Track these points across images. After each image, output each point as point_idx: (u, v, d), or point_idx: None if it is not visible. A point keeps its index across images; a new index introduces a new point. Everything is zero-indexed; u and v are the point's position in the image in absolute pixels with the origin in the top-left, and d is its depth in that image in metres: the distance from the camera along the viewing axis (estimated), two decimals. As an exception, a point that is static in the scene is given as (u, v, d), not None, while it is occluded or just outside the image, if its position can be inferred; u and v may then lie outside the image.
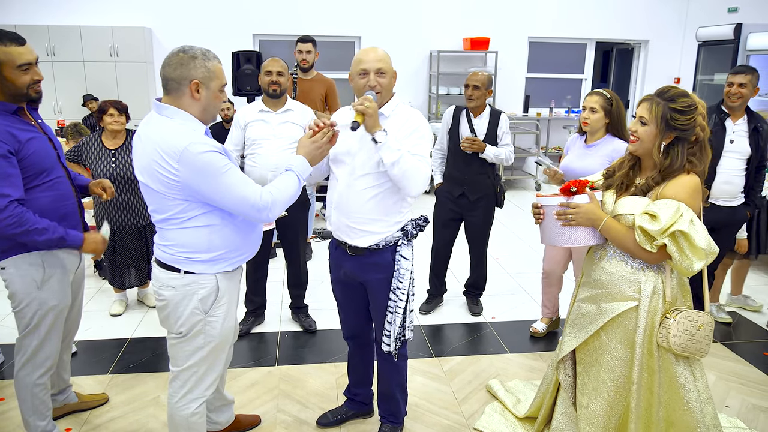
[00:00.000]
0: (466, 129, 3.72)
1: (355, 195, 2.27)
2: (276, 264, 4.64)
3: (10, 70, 2.15)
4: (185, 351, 2.13)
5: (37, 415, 2.43)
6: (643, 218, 1.98)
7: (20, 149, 2.14)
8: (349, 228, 2.32)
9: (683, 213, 1.93)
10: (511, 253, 5.31)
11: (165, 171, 1.87)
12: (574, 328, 2.29)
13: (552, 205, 2.14)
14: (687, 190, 1.99)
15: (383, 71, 2.21)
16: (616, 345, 2.16)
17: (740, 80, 3.40)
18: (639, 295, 2.09)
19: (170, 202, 1.94)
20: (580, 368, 2.29)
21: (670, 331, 2.03)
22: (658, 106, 2.00)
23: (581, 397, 2.27)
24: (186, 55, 1.90)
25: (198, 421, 2.23)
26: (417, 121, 2.29)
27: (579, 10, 8.34)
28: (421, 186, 2.22)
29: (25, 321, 2.32)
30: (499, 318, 3.98)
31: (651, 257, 2.03)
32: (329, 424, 2.78)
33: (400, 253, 2.33)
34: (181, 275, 2.03)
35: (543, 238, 2.24)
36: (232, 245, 2.07)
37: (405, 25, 7.93)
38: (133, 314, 3.96)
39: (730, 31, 6.48)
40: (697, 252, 1.93)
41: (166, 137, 1.87)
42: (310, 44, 4.77)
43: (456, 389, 3.11)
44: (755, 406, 2.99)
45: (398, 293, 2.33)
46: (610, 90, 3.24)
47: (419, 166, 2.19)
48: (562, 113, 8.73)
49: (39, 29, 6.96)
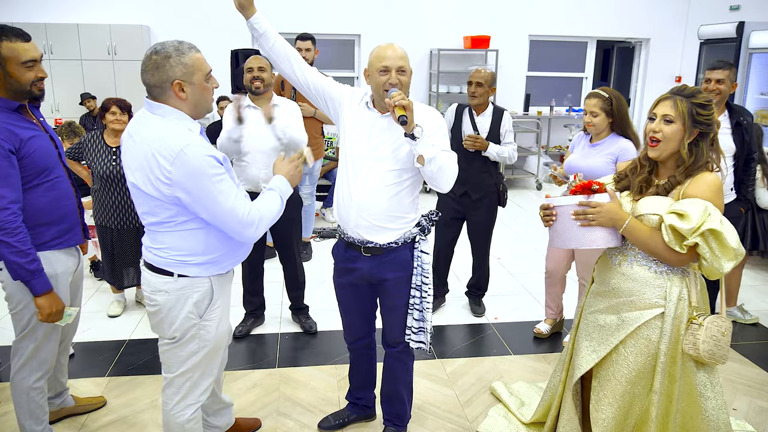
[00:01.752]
0: (468, 127, 3.68)
1: (378, 192, 2.22)
2: (275, 264, 4.59)
3: (14, 66, 2.11)
4: (179, 356, 2.07)
5: (34, 419, 2.38)
6: (672, 217, 1.89)
7: (21, 147, 2.10)
8: (370, 225, 2.26)
9: (711, 212, 1.87)
10: (513, 253, 5.27)
11: (157, 172, 1.80)
12: (593, 342, 2.15)
13: (568, 205, 2.02)
14: (712, 189, 1.92)
15: (404, 69, 2.17)
16: (636, 358, 2.05)
17: (717, 76, 3.32)
18: (665, 301, 2.00)
19: (162, 206, 1.88)
20: (596, 383, 2.17)
21: (699, 338, 1.95)
22: (683, 103, 1.94)
23: (596, 413, 2.16)
24: (159, 57, 1.83)
25: (194, 427, 2.17)
26: (438, 118, 2.28)
27: (580, 9, 8.30)
28: (452, 182, 2.24)
29: (22, 323, 2.28)
30: (501, 319, 3.94)
31: (679, 259, 1.94)
32: (331, 427, 2.74)
33: (420, 249, 2.32)
34: (174, 279, 1.97)
35: (555, 241, 2.10)
36: (227, 246, 2.02)
37: (405, 23, 7.89)
38: (132, 315, 3.92)
39: (732, 29, 6.45)
40: (727, 252, 1.87)
41: (161, 138, 1.81)
42: (309, 42, 4.73)
43: (459, 392, 3.06)
44: (763, 408, 2.95)
45: (425, 288, 2.33)
46: (608, 88, 3.18)
47: (452, 164, 2.20)
48: (563, 112, 8.69)
49: (36, 27, 6.90)
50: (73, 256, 2.41)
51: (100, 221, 3.63)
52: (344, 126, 2.31)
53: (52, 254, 2.26)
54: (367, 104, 2.27)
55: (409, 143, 2.10)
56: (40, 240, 2.21)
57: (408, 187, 2.26)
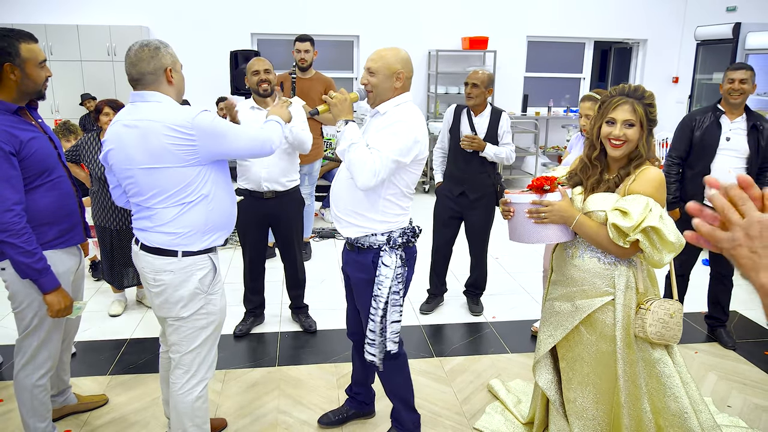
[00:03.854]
0: (466, 127, 3.71)
1: (342, 184, 2.36)
2: (275, 264, 4.63)
3: (33, 67, 2.17)
4: (189, 334, 2.19)
5: (37, 416, 2.41)
6: (615, 215, 2.01)
7: (22, 149, 2.13)
8: (337, 216, 2.40)
9: (652, 208, 1.98)
10: (511, 252, 5.30)
11: (180, 140, 2.00)
12: (549, 327, 2.31)
13: (523, 203, 2.14)
14: (654, 185, 2.04)
15: (372, 70, 2.27)
16: (596, 339, 2.19)
17: (741, 76, 3.35)
18: (614, 289, 2.13)
19: (181, 173, 2.04)
20: (564, 364, 2.32)
21: (646, 321, 2.09)
22: (639, 106, 2.05)
23: (567, 392, 2.31)
24: (151, 48, 2.06)
25: (202, 405, 2.29)
26: (398, 119, 2.24)
27: (577, 10, 8.33)
28: (366, 179, 2.15)
29: (25, 322, 2.30)
30: (499, 318, 3.97)
31: (623, 252, 2.07)
32: (331, 423, 2.77)
33: (381, 259, 2.29)
34: (179, 259, 2.10)
35: (512, 235, 2.23)
36: (223, 216, 2.21)
37: (404, 24, 7.92)
38: (132, 314, 3.95)
39: (728, 30, 6.48)
40: (667, 245, 1.98)
41: (169, 116, 2.02)
42: (308, 43, 4.76)
43: (457, 390, 3.10)
44: (757, 405, 2.98)
45: (377, 300, 2.29)
46: (602, 90, 3.22)
47: (365, 159, 2.15)
48: (561, 112, 8.73)
49: (36, 28, 6.91)
50: (75, 256, 2.44)
51: (99, 222, 3.66)
52: None
53: (54, 254, 2.29)
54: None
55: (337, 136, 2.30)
56: (42, 240, 2.23)
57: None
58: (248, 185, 3.44)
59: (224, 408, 2.90)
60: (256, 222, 3.52)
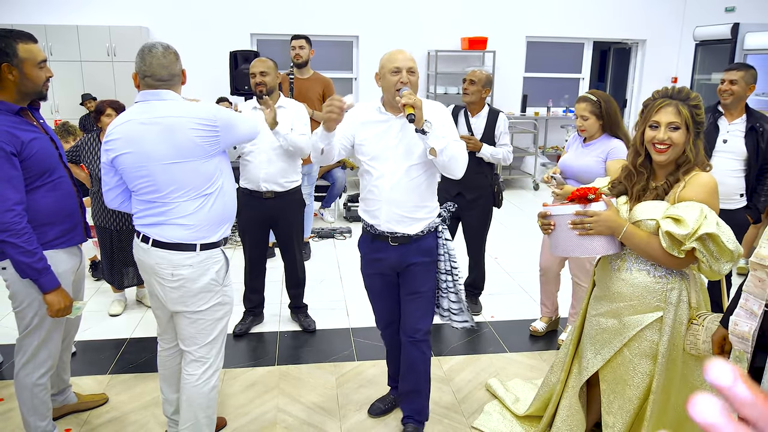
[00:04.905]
0: (463, 128, 3.72)
1: (404, 185, 2.38)
2: (274, 263, 4.64)
3: (31, 67, 2.18)
4: (207, 326, 2.26)
5: (37, 415, 2.42)
6: (668, 223, 1.89)
7: (23, 149, 2.14)
8: (401, 217, 2.42)
9: (707, 215, 1.86)
10: (510, 252, 5.32)
11: (207, 132, 2.12)
12: (596, 345, 2.18)
13: (565, 215, 2.02)
14: (707, 190, 1.92)
15: (413, 70, 2.38)
16: (640, 360, 2.08)
17: (731, 77, 3.35)
18: (665, 304, 2.01)
19: (204, 165, 2.14)
20: (604, 386, 2.19)
21: (699, 337, 1.96)
22: (684, 108, 1.93)
23: (607, 416, 2.17)
24: (173, 51, 2.19)
25: (215, 396, 2.36)
26: (443, 110, 2.48)
27: (576, 10, 8.35)
28: (465, 168, 2.35)
29: (26, 321, 2.31)
30: (498, 317, 3.98)
31: (677, 263, 1.95)
32: (382, 412, 2.86)
33: (444, 237, 2.51)
34: (197, 252, 2.17)
35: (556, 248, 2.12)
36: (233, 206, 2.33)
37: (403, 25, 7.93)
38: (132, 314, 3.96)
39: (727, 30, 6.50)
40: (725, 254, 1.87)
41: (193, 110, 2.14)
42: (303, 40, 4.78)
43: (456, 389, 3.11)
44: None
45: (456, 272, 2.54)
46: (597, 91, 3.23)
47: (462, 150, 2.34)
48: (560, 113, 8.75)
49: (36, 28, 6.91)
50: (75, 255, 2.45)
51: (99, 222, 3.67)
52: (360, 138, 2.45)
53: (54, 253, 2.30)
54: (378, 109, 2.43)
55: (421, 138, 2.25)
56: (43, 239, 2.24)
57: (429, 177, 2.43)
58: (249, 185, 3.46)
59: (224, 407, 2.91)
60: (256, 222, 3.54)
